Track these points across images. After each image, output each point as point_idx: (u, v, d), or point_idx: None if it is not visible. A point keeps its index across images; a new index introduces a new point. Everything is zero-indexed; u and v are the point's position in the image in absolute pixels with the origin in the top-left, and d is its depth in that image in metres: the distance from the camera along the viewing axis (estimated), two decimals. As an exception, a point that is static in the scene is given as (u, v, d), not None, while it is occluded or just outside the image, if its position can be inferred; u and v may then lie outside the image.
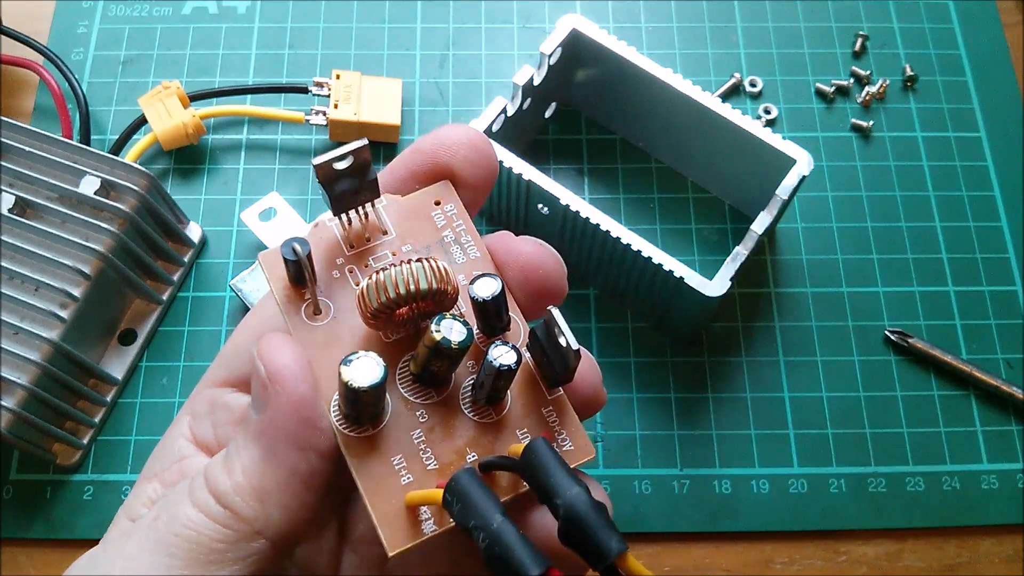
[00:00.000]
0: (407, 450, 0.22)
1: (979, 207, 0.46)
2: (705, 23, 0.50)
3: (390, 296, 0.21)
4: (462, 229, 0.24)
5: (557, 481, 0.19)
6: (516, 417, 0.23)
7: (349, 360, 0.21)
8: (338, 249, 0.24)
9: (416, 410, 0.22)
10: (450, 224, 0.24)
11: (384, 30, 0.50)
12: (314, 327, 0.23)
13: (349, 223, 0.24)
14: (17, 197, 0.38)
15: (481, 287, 0.22)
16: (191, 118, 0.45)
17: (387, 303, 0.21)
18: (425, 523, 0.21)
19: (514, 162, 0.39)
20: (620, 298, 0.43)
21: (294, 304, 0.23)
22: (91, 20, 0.49)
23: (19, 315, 0.37)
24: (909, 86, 0.49)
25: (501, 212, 0.43)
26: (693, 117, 0.41)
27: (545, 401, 0.23)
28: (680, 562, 0.39)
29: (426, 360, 0.22)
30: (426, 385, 0.23)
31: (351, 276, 0.24)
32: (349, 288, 0.23)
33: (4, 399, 0.35)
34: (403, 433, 0.22)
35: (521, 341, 0.23)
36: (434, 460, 0.22)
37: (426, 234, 0.24)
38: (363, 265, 0.24)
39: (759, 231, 0.38)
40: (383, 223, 0.24)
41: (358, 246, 0.24)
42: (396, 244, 0.24)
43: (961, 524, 0.39)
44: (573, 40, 0.42)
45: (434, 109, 0.48)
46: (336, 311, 0.23)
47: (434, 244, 0.24)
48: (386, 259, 0.24)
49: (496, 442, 0.22)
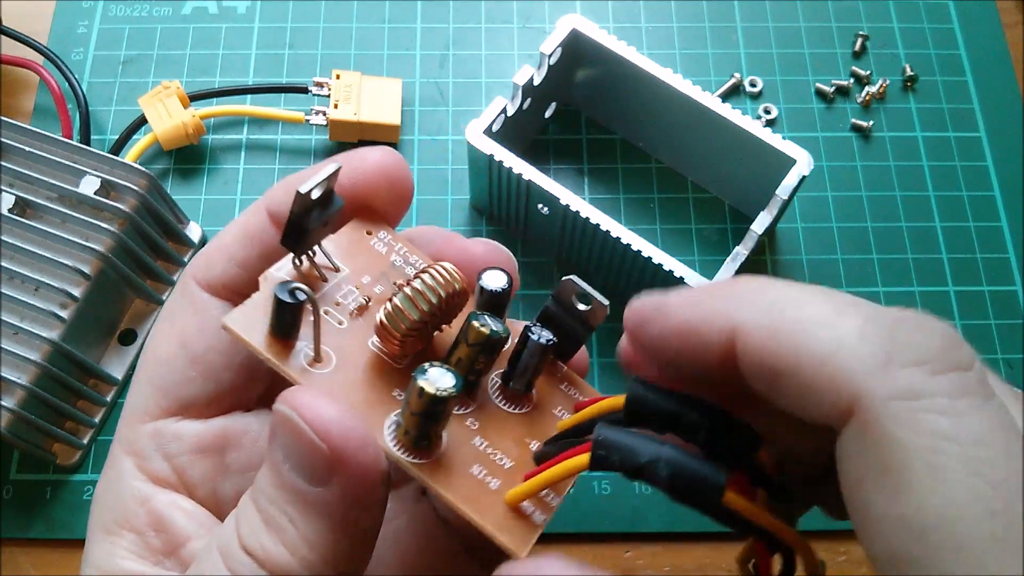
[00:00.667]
0: (479, 459, 0.22)
1: (979, 207, 0.46)
2: (705, 23, 0.50)
3: (424, 310, 0.21)
4: (405, 252, 0.25)
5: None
6: (544, 399, 0.24)
7: (424, 371, 0.20)
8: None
9: (465, 420, 0.22)
10: (392, 249, 0.25)
11: (384, 30, 0.50)
12: (323, 375, 0.21)
13: (300, 264, 0.23)
14: (17, 197, 0.38)
15: (491, 280, 0.23)
16: (191, 118, 0.45)
17: (421, 318, 0.21)
18: (534, 515, 0.22)
19: (514, 162, 0.39)
20: (620, 298, 0.43)
21: (291, 360, 0.21)
22: (91, 20, 0.49)
23: (19, 315, 0.37)
24: (909, 86, 0.49)
25: (501, 212, 0.43)
26: (693, 117, 0.41)
27: (558, 378, 0.24)
28: (680, 562, 0.39)
29: (473, 359, 0.22)
30: (464, 394, 0.23)
31: (328, 317, 0.23)
32: (335, 328, 0.22)
33: (4, 399, 0.35)
34: (466, 446, 0.22)
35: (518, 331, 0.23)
36: (506, 458, 0.22)
37: (376, 263, 0.24)
38: (333, 303, 0.23)
39: (759, 231, 0.38)
40: (333, 261, 0.23)
41: (316, 288, 0.23)
42: (355, 278, 0.24)
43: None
44: (573, 40, 0.42)
45: (434, 109, 0.48)
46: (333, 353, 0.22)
47: (389, 270, 0.24)
48: (352, 295, 0.23)
49: (542, 426, 0.23)
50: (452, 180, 0.46)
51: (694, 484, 0.18)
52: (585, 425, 0.22)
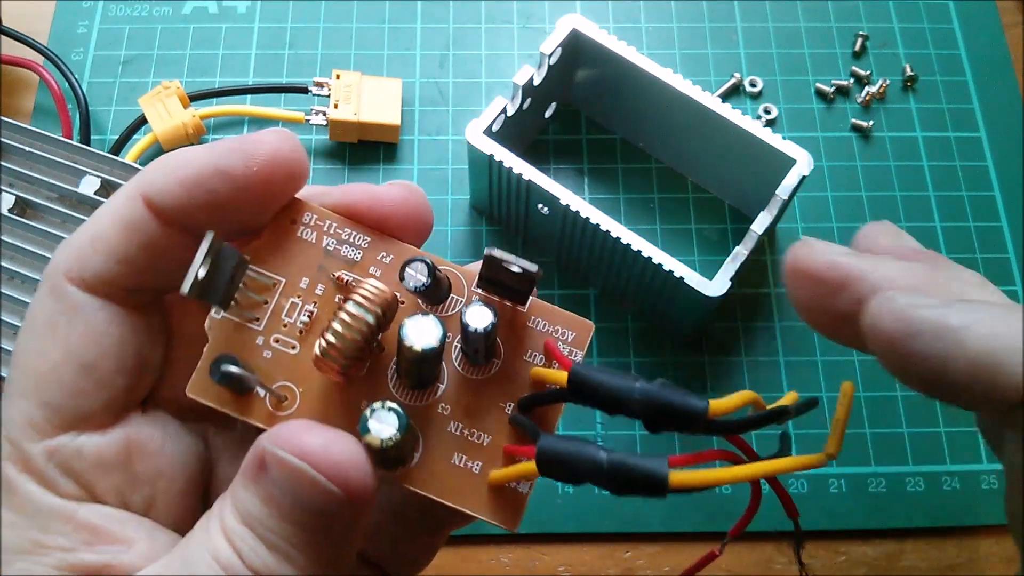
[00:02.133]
0: (458, 445, 0.22)
1: (979, 207, 0.46)
2: (705, 23, 0.50)
3: (357, 339, 0.20)
4: (335, 227, 0.23)
5: (617, 387, 0.20)
6: (513, 347, 0.23)
7: (366, 427, 0.20)
8: (250, 334, 0.22)
9: (436, 408, 0.22)
10: (321, 232, 0.23)
11: (384, 30, 0.50)
12: (292, 413, 0.22)
13: (236, 302, 0.22)
14: (17, 197, 0.38)
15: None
16: (191, 118, 0.45)
17: (356, 349, 0.21)
18: (519, 486, 0.22)
19: (514, 162, 0.39)
20: (620, 298, 0.43)
21: (256, 408, 0.22)
22: (91, 20, 0.49)
23: (19, 315, 0.37)
24: (909, 86, 0.49)
25: (501, 212, 0.43)
26: (693, 117, 0.41)
27: (525, 316, 0.23)
28: (680, 562, 0.39)
29: (418, 368, 0.22)
30: (428, 385, 0.22)
31: (279, 346, 0.22)
32: (289, 357, 0.22)
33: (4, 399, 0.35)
34: (442, 435, 0.22)
35: (468, 291, 0.23)
36: (484, 435, 0.22)
37: (310, 257, 0.23)
38: (281, 327, 0.22)
39: (759, 231, 0.38)
40: (266, 278, 0.23)
41: (261, 315, 0.22)
42: (294, 287, 0.23)
43: (961, 524, 0.39)
44: (573, 40, 0.42)
45: (434, 109, 0.48)
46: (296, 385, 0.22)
47: (324, 260, 0.23)
48: (297, 308, 0.23)
49: (518, 379, 0.23)
50: (452, 180, 0.46)
51: (637, 483, 0.19)
52: (546, 395, 0.22)
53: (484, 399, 0.22)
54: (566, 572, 0.39)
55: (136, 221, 0.22)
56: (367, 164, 0.46)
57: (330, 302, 0.23)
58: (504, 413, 0.22)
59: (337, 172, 0.46)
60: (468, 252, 0.44)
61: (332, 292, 0.23)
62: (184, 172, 0.22)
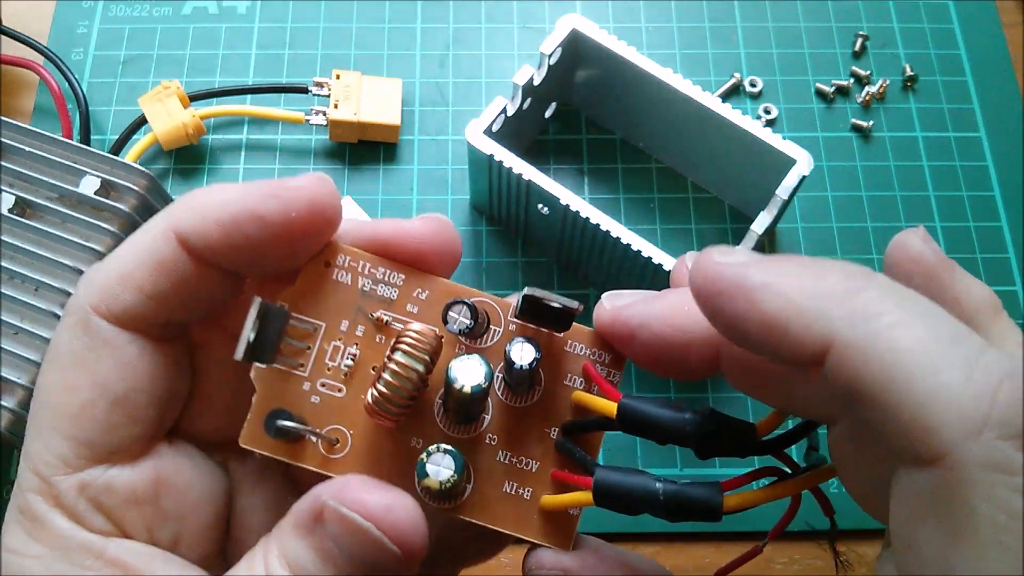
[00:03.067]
0: (508, 474, 0.23)
1: (979, 207, 0.46)
2: (705, 23, 0.50)
3: (409, 388, 0.21)
4: (369, 267, 0.23)
5: (670, 421, 0.20)
6: (552, 372, 0.23)
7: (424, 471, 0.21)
8: (296, 380, 0.23)
9: (484, 439, 0.23)
10: (356, 273, 0.23)
11: (384, 30, 0.50)
12: (345, 456, 0.22)
13: (280, 351, 0.22)
14: (17, 197, 0.38)
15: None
16: (191, 118, 0.45)
17: (410, 395, 0.21)
18: (568, 510, 0.22)
19: (514, 162, 0.39)
20: (620, 298, 0.43)
21: (309, 453, 0.22)
22: (91, 20, 0.49)
23: (19, 315, 0.37)
24: (909, 86, 0.49)
25: (501, 212, 0.43)
26: (693, 117, 0.41)
27: (562, 341, 0.23)
28: (680, 562, 0.39)
29: (465, 407, 0.22)
30: (475, 419, 0.23)
31: (325, 390, 0.23)
32: (336, 400, 0.23)
33: (4, 399, 0.35)
34: (492, 464, 0.23)
35: (505, 322, 0.23)
36: (532, 461, 0.23)
37: (346, 299, 0.23)
38: (325, 371, 0.23)
39: (759, 231, 0.38)
40: (307, 324, 0.23)
41: (305, 360, 0.23)
42: (334, 330, 0.23)
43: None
44: (573, 40, 0.42)
45: (434, 109, 0.48)
46: (346, 427, 0.23)
47: (361, 301, 0.23)
48: (340, 351, 0.23)
49: (560, 404, 0.23)
50: (452, 180, 0.46)
51: (694, 512, 0.20)
52: (591, 422, 0.23)
53: (529, 427, 0.23)
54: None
55: (168, 258, 0.22)
56: (367, 164, 0.46)
57: (372, 342, 0.23)
58: (549, 439, 0.23)
59: (337, 172, 0.46)
60: (468, 252, 0.44)
61: (372, 332, 0.23)
62: (220, 213, 0.21)
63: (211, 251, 0.22)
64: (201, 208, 0.22)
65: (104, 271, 0.22)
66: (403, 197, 0.45)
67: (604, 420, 0.22)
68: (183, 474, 0.23)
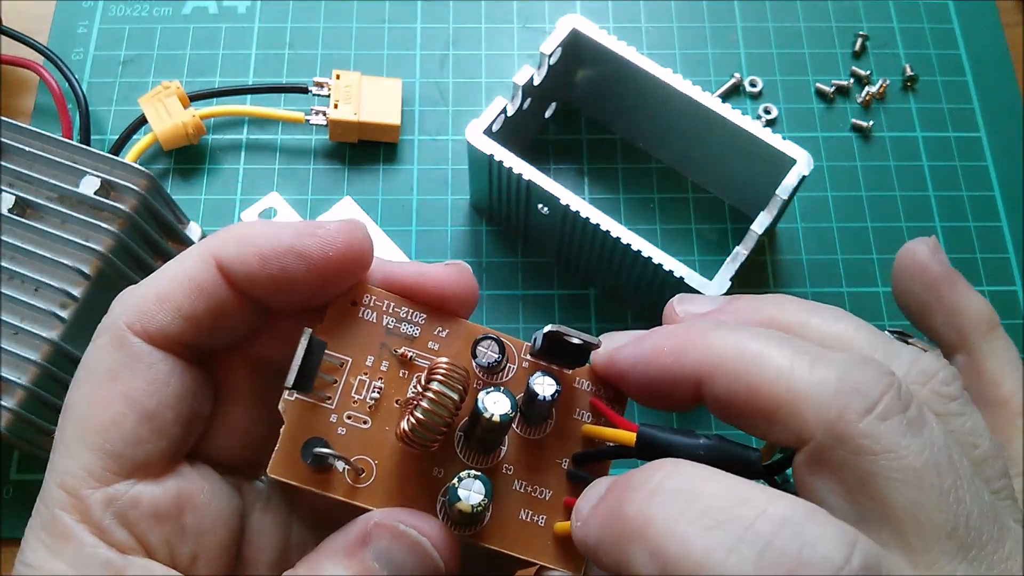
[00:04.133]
0: (524, 502, 0.24)
1: (979, 207, 0.46)
2: (705, 23, 0.50)
3: (444, 416, 0.22)
4: (393, 307, 0.24)
5: (686, 446, 0.22)
6: (562, 406, 0.24)
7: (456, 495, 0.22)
8: (324, 412, 0.23)
9: (501, 469, 0.24)
10: (381, 311, 0.24)
11: (384, 30, 0.50)
12: (372, 485, 0.23)
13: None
14: (17, 197, 0.38)
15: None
16: (191, 118, 0.45)
17: (443, 428, 0.22)
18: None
19: (514, 162, 0.39)
20: (620, 298, 0.43)
21: (336, 483, 0.23)
22: (91, 20, 0.49)
23: (19, 315, 0.37)
24: (909, 86, 0.49)
25: (501, 212, 0.43)
26: (693, 117, 0.41)
27: (571, 378, 0.25)
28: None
29: (490, 437, 0.23)
30: (495, 449, 0.24)
31: (352, 422, 0.24)
32: (362, 431, 0.24)
33: (4, 399, 0.35)
34: (508, 493, 0.24)
35: (519, 359, 0.25)
36: (546, 490, 0.24)
37: (372, 336, 0.24)
38: (351, 403, 0.24)
39: (759, 231, 0.38)
40: (335, 359, 0.24)
41: (332, 393, 0.24)
42: (359, 365, 0.24)
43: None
44: (573, 40, 0.42)
45: (434, 109, 0.48)
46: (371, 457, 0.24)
47: (386, 338, 0.24)
48: (365, 385, 0.24)
49: (570, 436, 0.24)
50: (452, 180, 0.46)
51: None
52: (602, 451, 0.24)
53: (543, 456, 0.24)
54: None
55: (206, 283, 0.23)
56: (367, 164, 0.46)
57: (395, 377, 0.24)
58: (561, 468, 0.24)
59: (337, 172, 0.46)
60: (468, 252, 0.44)
61: (396, 368, 0.24)
62: (263, 246, 0.23)
63: (248, 280, 0.23)
64: (243, 239, 0.23)
65: (140, 292, 0.24)
66: (403, 197, 0.45)
67: (620, 448, 0.23)
68: (203, 494, 0.24)
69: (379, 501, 0.23)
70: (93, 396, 0.23)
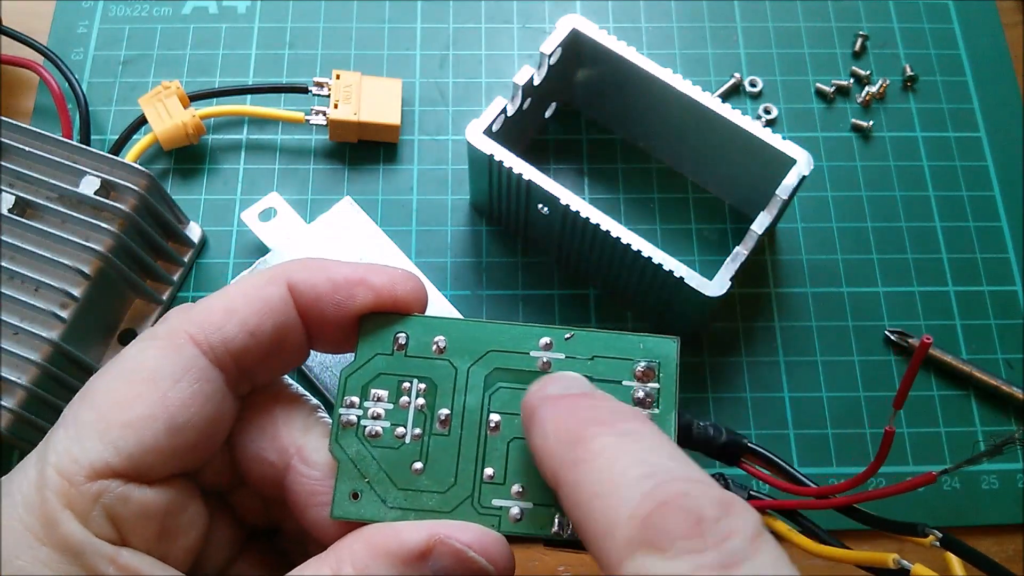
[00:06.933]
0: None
1: (979, 207, 0.46)
2: (705, 23, 0.50)
3: None
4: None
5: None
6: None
7: None
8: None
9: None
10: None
11: (384, 30, 0.50)
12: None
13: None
14: (17, 197, 0.38)
15: None
16: (191, 118, 0.45)
17: None
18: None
19: (514, 162, 0.39)
20: (620, 298, 0.43)
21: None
22: (91, 20, 0.49)
23: (19, 315, 0.37)
24: (909, 86, 0.49)
25: (501, 212, 0.43)
26: (693, 117, 0.41)
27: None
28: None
29: None
30: None
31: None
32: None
33: (4, 399, 0.35)
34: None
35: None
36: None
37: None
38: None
39: (759, 231, 0.38)
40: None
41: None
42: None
43: (961, 524, 0.39)
44: (573, 40, 0.42)
45: (434, 109, 0.48)
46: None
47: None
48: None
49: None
50: (452, 180, 0.46)
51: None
52: None
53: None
54: (566, 572, 0.39)
55: (275, 301, 0.24)
56: (367, 164, 0.46)
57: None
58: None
59: (337, 172, 0.46)
60: (468, 252, 0.44)
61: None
62: (334, 272, 0.24)
63: (315, 300, 0.24)
64: (315, 266, 0.24)
65: (206, 304, 0.24)
66: (403, 197, 0.45)
67: None
68: (189, 504, 0.24)
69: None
70: (124, 391, 0.22)
